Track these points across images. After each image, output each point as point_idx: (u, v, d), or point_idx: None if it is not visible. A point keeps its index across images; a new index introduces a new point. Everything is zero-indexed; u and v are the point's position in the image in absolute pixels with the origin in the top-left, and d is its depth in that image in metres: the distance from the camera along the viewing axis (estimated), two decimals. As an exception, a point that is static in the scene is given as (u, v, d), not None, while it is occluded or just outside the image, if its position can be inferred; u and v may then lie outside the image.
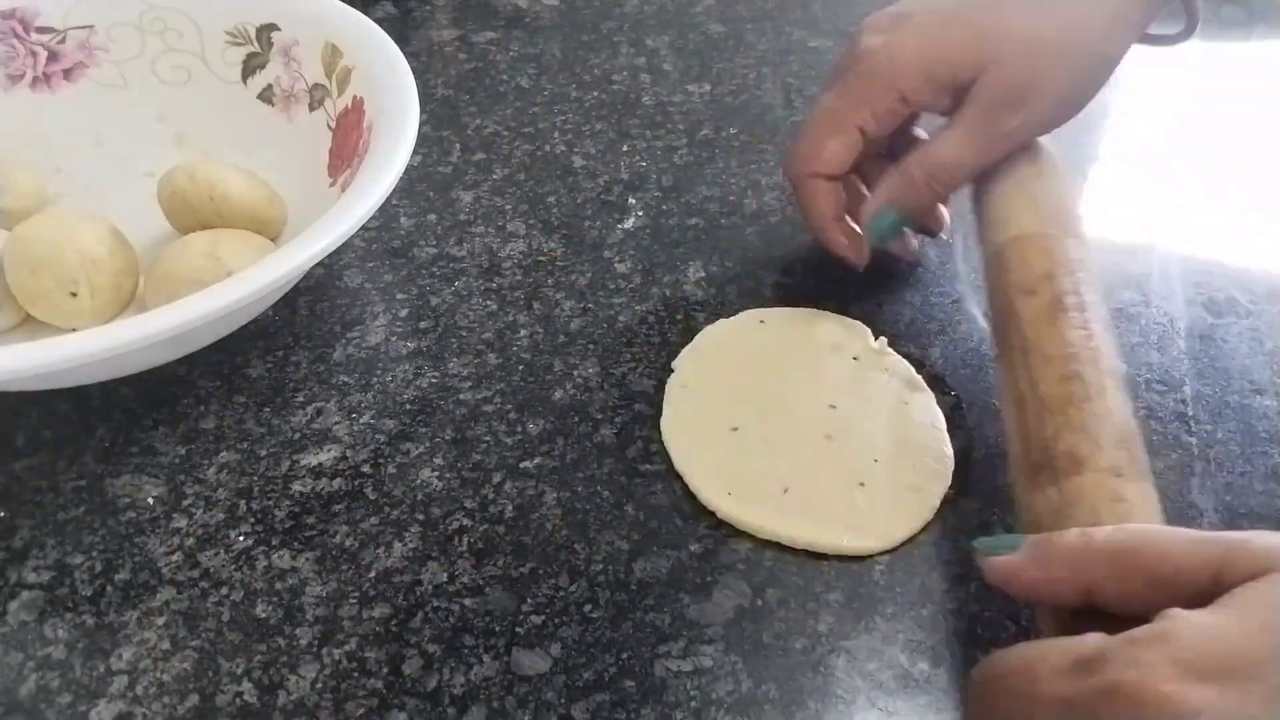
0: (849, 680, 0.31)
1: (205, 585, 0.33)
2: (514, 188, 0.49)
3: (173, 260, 0.39)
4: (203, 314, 0.33)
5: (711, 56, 0.59)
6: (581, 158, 0.51)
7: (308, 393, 0.40)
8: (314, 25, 0.46)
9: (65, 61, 0.48)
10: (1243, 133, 0.57)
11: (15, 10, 0.47)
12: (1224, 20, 0.66)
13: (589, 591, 0.33)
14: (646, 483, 0.37)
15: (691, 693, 0.31)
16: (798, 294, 0.44)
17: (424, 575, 0.34)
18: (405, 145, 0.39)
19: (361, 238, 0.46)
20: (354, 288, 0.44)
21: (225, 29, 0.48)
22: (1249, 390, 0.41)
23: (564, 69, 0.58)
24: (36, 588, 0.33)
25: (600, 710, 0.30)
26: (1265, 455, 0.38)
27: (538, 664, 0.31)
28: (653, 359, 0.41)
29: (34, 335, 0.40)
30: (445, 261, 0.45)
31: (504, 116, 0.54)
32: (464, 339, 0.42)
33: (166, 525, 0.35)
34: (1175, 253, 0.47)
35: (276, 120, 0.47)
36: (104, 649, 0.32)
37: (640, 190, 0.50)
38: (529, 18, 0.62)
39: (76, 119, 0.48)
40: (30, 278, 0.38)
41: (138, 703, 0.30)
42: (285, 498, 0.36)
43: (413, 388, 0.40)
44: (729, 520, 0.36)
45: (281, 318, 0.42)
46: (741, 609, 0.33)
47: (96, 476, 0.37)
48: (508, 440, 0.38)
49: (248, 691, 0.31)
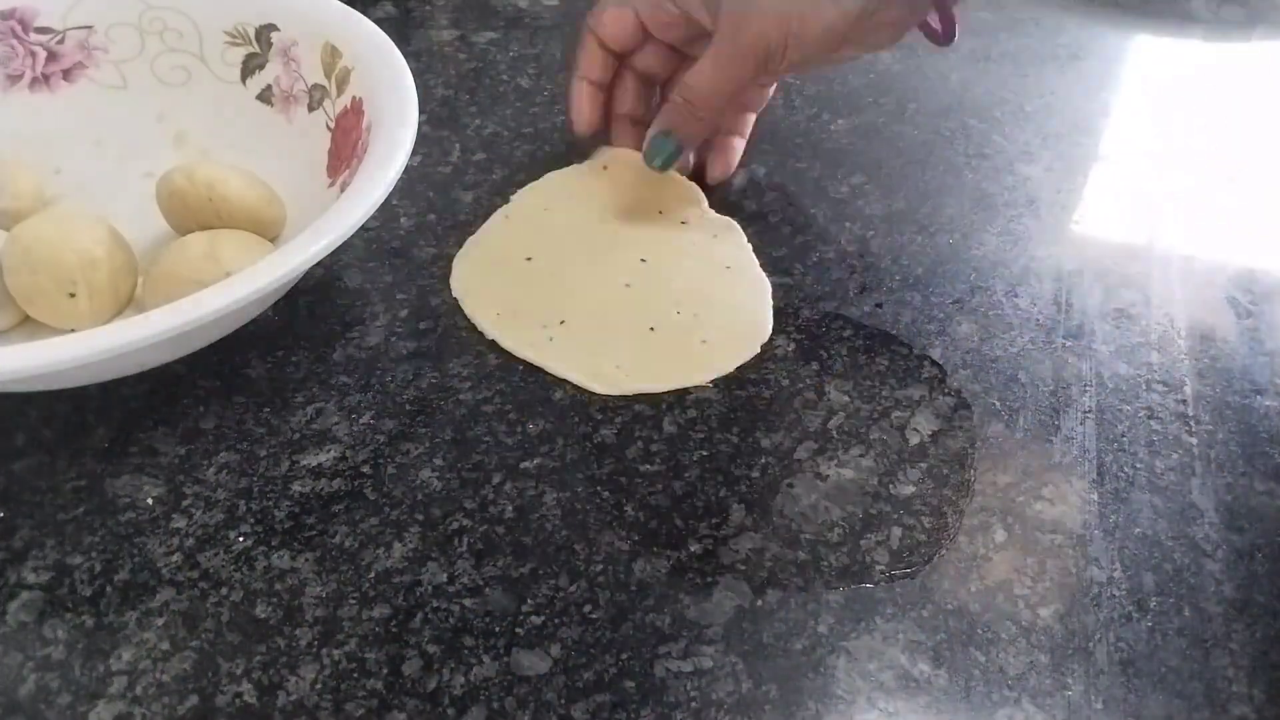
0: (849, 680, 0.31)
1: (205, 586, 0.33)
2: (514, 188, 0.49)
3: (172, 261, 0.39)
4: (202, 315, 0.33)
5: (711, 57, 0.59)
6: (581, 158, 0.51)
7: (307, 393, 0.39)
8: (313, 26, 0.46)
9: (64, 62, 0.48)
10: (1243, 133, 0.57)
11: (14, 10, 0.47)
12: (1224, 20, 0.66)
13: (589, 592, 0.33)
14: (646, 483, 0.37)
15: (691, 693, 0.31)
16: (795, 296, 0.44)
17: (424, 576, 0.34)
18: (405, 146, 0.39)
19: (361, 238, 0.46)
20: (354, 288, 0.44)
21: (224, 29, 0.48)
22: (1249, 390, 0.41)
23: (564, 69, 0.58)
24: (36, 588, 0.33)
25: (600, 711, 0.30)
26: (1265, 455, 0.38)
27: (538, 664, 0.31)
28: (653, 359, 0.41)
29: (33, 336, 0.39)
30: (445, 262, 0.45)
31: (504, 117, 0.54)
32: (464, 339, 0.42)
33: (166, 525, 0.35)
34: (1175, 253, 0.47)
35: (276, 121, 0.47)
36: (103, 649, 0.32)
37: (640, 190, 0.50)
38: (529, 18, 0.62)
39: (75, 119, 0.48)
40: (29, 278, 0.38)
41: (137, 703, 0.30)
42: (285, 498, 0.36)
43: (412, 388, 0.40)
44: (500, 344, 0.39)
45: (281, 318, 0.42)
46: (741, 609, 0.33)
47: (96, 477, 0.36)
48: (508, 440, 0.38)
49: (247, 692, 0.31)
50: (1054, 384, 0.40)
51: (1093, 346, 0.42)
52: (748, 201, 0.49)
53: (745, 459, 0.38)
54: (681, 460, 0.37)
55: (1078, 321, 0.43)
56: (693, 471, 0.37)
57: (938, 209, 0.48)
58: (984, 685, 0.31)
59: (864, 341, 0.42)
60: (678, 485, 0.37)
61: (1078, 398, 0.40)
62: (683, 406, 0.39)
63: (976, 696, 0.31)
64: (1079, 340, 0.42)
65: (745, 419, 0.39)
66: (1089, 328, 0.43)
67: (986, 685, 0.31)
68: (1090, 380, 0.41)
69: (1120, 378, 0.41)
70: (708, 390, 0.40)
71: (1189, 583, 0.34)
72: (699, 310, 0.42)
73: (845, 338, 0.42)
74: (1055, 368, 0.41)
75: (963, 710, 0.31)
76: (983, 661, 0.32)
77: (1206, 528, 0.36)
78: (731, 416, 0.39)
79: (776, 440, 0.38)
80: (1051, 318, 0.43)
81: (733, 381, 0.40)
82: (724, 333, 0.41)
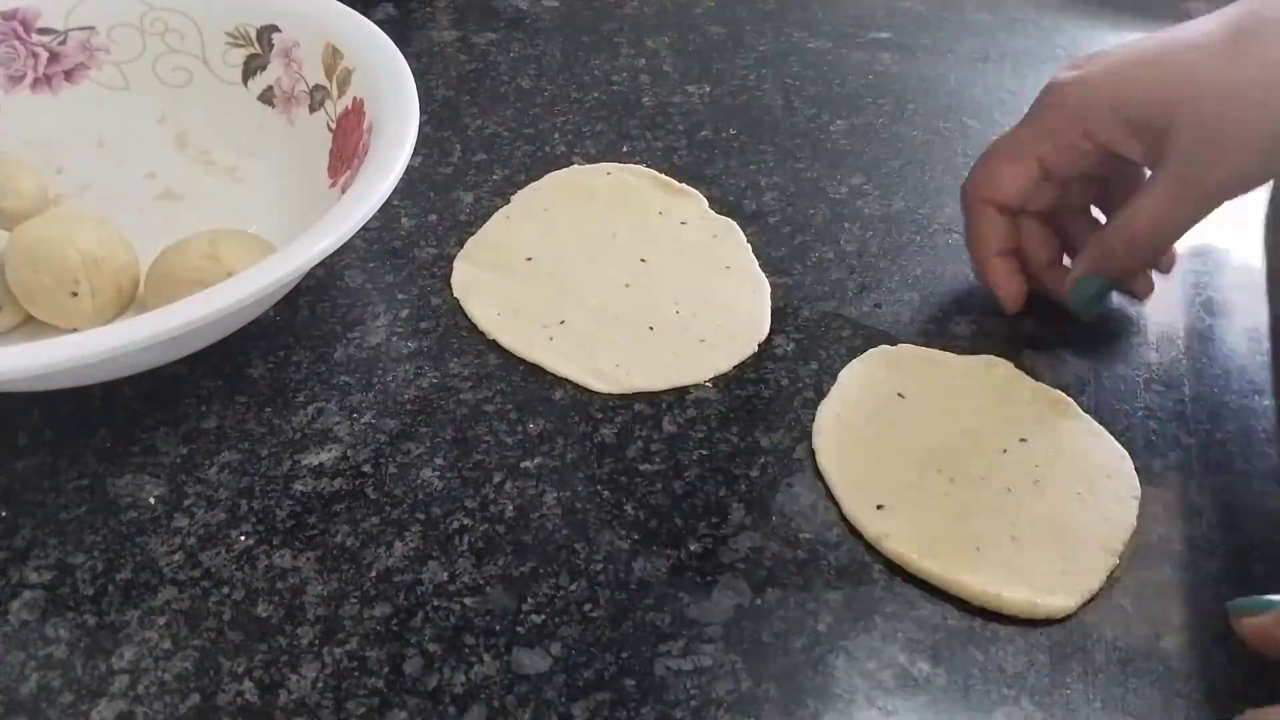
0: (849, 680, 0.31)
1: (206, 585, 0.33)
2: (515, 189, 0.49)
3: (173, 261, 0.39)
4: (203, 315, 0.33)
5: (711, 58, 0.59)
6: (582, 158, 0.51)
7: (309, 393, 0.40)
8: (314, 27, 0.46)
9: (66, 63, 0.48)
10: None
11: (16, 11, 0.47)
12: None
13: (589, 591, 0.33)
14: (646, 482, 0.37)
15: (691, 692, 0.31)
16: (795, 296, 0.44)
17: (424, 575, 0.34)
18: (405, 146, 0.39)
19: (362, 238, 0.46)
20: (355, 288, 0.44)
21: (226, 30, 0.48)
22: (1249, 390, 0.41)
23: (564, 70, 0.58)
24: (38, 587, 0.33)
25: (600, 709, 0.30)
26: (1265, 455, 0.38)
27: (538, 663, 0.32)
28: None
29: (35, 336, 0.40)
30: (446, 262, 0.45)
31: (504, 117, 0.54)
32: (464, 339, 0.42)
33: (168, 525, 0.35)
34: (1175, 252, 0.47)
35: (277, 121, 0.48)
36: (105, 648, 0.32)
37: (640, 191, 0.50)
38: (529, 19, 0.62)
39: (78, 120, 0.48)
40: (31, 278, 0.38)
41: (139, 702, 0.30)
42: (286, 497, 0.36)
43: (413, 388, 0.40)
44: (500, 344, 0.39)
45: (283, 318, 0.42)
46: (741, 608, 0.33)
47: (98, 476, 0.37)
48: (508, 440, 0.38)
49: (249, 691, 0.31)
50: (1053, 384, 0.40)
51: (1092, 346, 0.42)
52: (747, 202, 0.49)
53: (745, 458, 0.38)
54: (681, 460, 0.38)
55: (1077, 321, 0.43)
56: (692, 471, 0.37)
57: (937, 209, 0.48)
58: (983, 684, 0.31)
59: (863, 342, 0.42)
60: (678, 485, 0.37)
61: (1077, 398, 0.40)
62: (682, 406, 0.39)
63: (975, 695, 0.31)
64: (1078, 340, 0.42)
65: (745, 418, 0.39)
66: (1089, 328, 0.43)
67: (985, 684, 0.31)
68: (1090, 380, 0.41)
69: (1119, 378, 0.41)
70: (707, 390, 0.40)
71: (1188, 582, 0.34)
72: (698, 309, 0.42)
73: (844, 337, 0.42)
74: (1054, 367, 0.41)
75: (961, 709, 0.31)
76: (981, 660, 0.32)
77: (1205, 527, 0.36)
78: (731, 416, 0.39)
79: (776, 440, 0.38)
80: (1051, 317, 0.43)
81: (732, 381, 0.40)
82: (723, 332, 0.41)
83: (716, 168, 0.51)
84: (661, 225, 0.45)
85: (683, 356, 0.40)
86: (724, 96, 0.56)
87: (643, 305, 0.41)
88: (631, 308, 0.41)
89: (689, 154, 0.52)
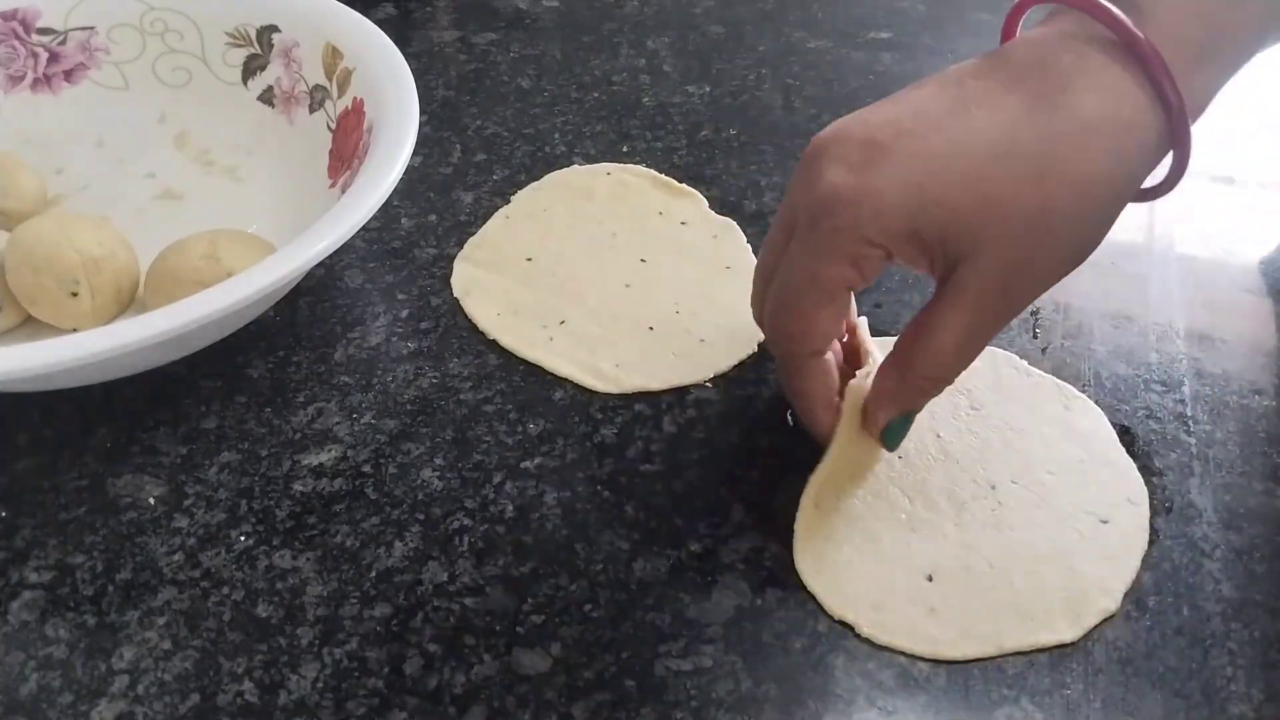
0: (849, 680, 0.31)
1: (206, 585, 0.33)
2: (515, 189, 0.49)
3: (173, 261, 0.39)
4: (203, 315, 0.33)
5: (711, 57, 0.59)
6: (582, 158, 0.51)
7: (309, 393, 0.40)
8: (314, 27, 0.46)
9: (66, 63, 0.48)
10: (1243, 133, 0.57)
11: (16, 11, 0.47)
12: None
13: (589, 591, 0.33)
14: (646, 482, 0.37)
15: (691, 692, 0.31)
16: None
17: (424, 575, 0.34)
18: (405, 147, 0.39)
19: (362, 238, 0.46)
20: (355, 288, 0.44)
21: (226, 30, 0.48)
22: (1248, 390, 0.41)
23: (564, 70, 0.58)
24: (38, 587, 0.33)
25: (600, 709, 0.30)
26: (1265, 455, 0.38)
27: (538, 663, 0.32)
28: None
29: (35, 336, 0.40)
30: (446, 262, 0.45)
31: (504, 117, 0.54)
32: (464, 339, 0.42)
33: (168, 525, 0.35)
34: (1174, 253, 0.47)
35: (277, 122, 0.48)
36: (105, 649, 0.32)
37: (640, 191, 0.50)
38: (529, 19, 0.62)
39: (77, 120, 0.48)
40: (31, 278, 0.38)
41: (139, 702, 0.30)
42: (286, 497, 0.36)
43: (413, 388, 0.40)
44: (500, 344, 0.39)
45: (282, 318, 0.42)
46: (741, 608, 0.33)
47: (98, 476, 0.37)
48: (508, 440, 0.38)
49: (249, 691, 0.31)
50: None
51: (1091, 346, 0.42)
52: (747, 202, 0.49)
53: (745, 459, 0.38)
54: (681, 460, 0.38)
55: (1076, 321, 0.43)
56: (692, 471, 0.37)
57: (937, 209, 0.48)
58: (983, 684, 0.31)
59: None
60: (678, 485, 0.37)
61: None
62: (683, 406, 0.39)
63: (975, 695, 0.31)
64: (1078, 340, 0.42)
65: (745, 418, 0.39)
66: (1088, 327, 0.43)
67: (985, 684, 0.31)
68: (1089, 380, 0.41)
69: (1119, 378, 0.41)
70: (707, 390, 0.40)
71: (1187, 582, 0.34)
72: (698, 309, 0.42)
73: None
74: (1054, 367, 0.41)
75: (961, 709, 0.31)
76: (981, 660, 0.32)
77: (1205, 527, 0.36)
78: (731, 416, 0.39)
79: (776, 440, 0.38)
80: (1050, 317, 0.43)
81: (732, 381, 0.40)
82: (723, 332, 0.41)
83: (716, 168, 0.51)
84: (661, 225, 0.45)
85: (683, 356, 0.40)
86: (724, 96, 0.56)
87: (643, 305, 0.41)
88: (631, 308, 0.41)
89: (689, 154, 0.52)
